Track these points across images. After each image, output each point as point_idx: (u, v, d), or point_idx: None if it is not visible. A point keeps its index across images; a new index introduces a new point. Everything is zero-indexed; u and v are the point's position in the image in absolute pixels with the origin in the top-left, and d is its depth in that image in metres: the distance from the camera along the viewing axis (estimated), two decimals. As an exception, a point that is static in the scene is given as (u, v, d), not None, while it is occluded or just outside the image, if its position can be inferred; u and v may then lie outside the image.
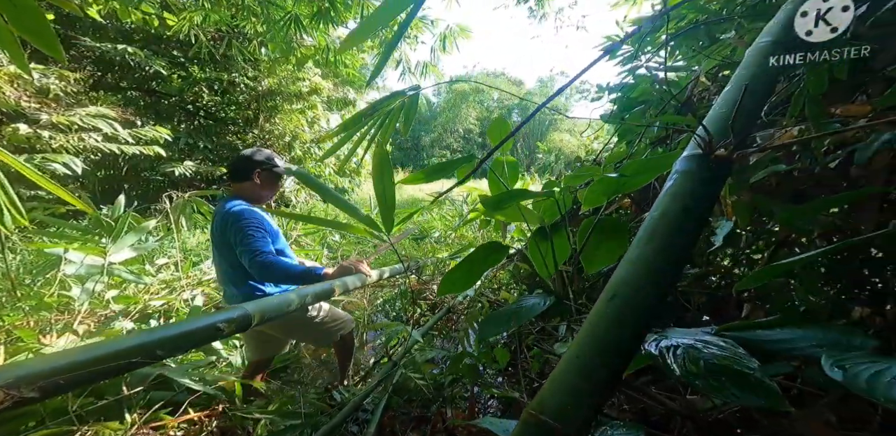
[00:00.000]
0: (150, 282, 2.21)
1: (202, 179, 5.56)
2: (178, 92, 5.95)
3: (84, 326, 1.79)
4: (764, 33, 0.76)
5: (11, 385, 0.44)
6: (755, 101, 0.59)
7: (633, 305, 0.46)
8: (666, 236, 0.48)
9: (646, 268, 0.47)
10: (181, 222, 2.38)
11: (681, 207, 0.49)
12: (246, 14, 3.97)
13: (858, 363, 0.41)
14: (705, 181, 0.50)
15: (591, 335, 0.47)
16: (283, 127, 6.76)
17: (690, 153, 0.53)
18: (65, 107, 3.32)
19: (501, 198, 0.84)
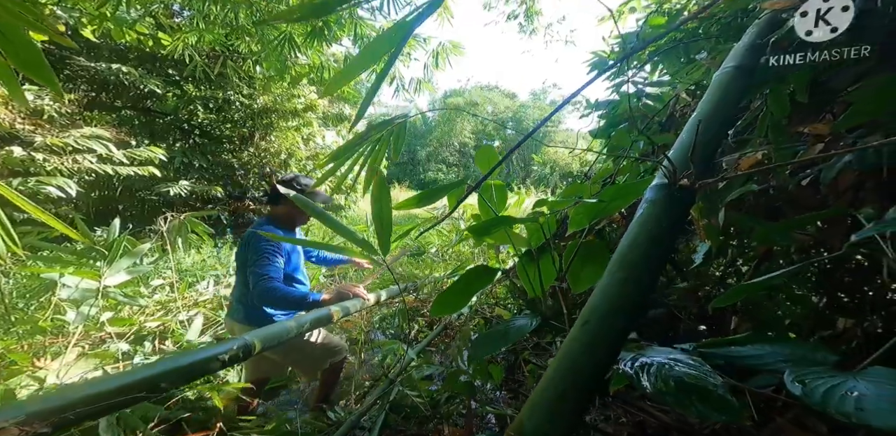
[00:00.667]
0: (146, 303, 2.20)
1: (198, 198, 5.57)
2: (173, 111, 6.02)
3: (78, 348, 1.78)
4: (729, 58, 0.81)
5: (25, 422, 0.46)
6: (717, 129, 0.63)
7: (604, 331, 0.49)
8: (634, 265, 0.51)
9: (616, 295, 0.50)
10: (177, 243, 2.39)
11: (648, 236, 0.52)
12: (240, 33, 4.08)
13: (816, 378, 0.44)
14: (670, 210, 0.53)
15: (565, 359, 0.50)
16: (278, 144, 6.83)
17: (657, 183, 0.57)
18: (59, 128, 3.35)
19: (488, 224, 0.87)
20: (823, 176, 0.77)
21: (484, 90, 30.98)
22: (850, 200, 0.86)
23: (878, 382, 0.41)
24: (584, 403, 0.46)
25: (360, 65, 0.57)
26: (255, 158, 6.56)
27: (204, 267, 3.45)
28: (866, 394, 0.40)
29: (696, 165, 0.51)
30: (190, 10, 3.91)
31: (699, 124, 0.57)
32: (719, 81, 0.71)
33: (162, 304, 2.40)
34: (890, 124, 0.75)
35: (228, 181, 6.19)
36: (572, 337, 0.51)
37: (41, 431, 0.49)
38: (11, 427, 0.46)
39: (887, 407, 0.37)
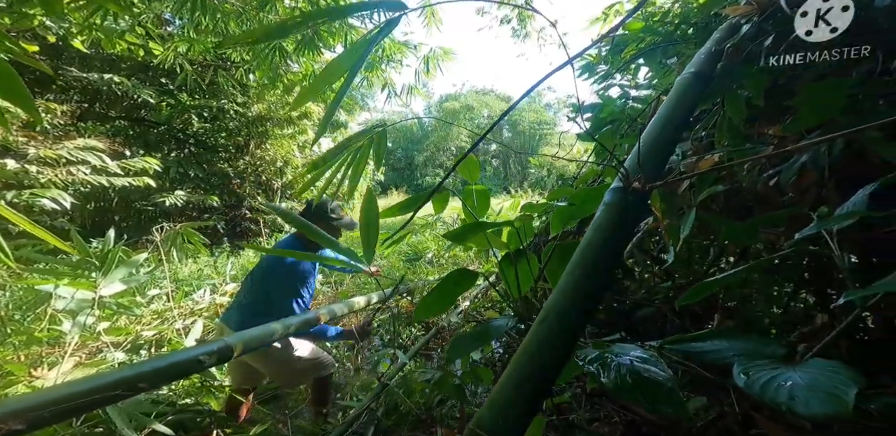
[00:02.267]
0: (142, 313, 2.22)
1: (194, 208, 5.59)
2: (167, 120, 6.05)
3: (75, 358, 1.80)
4: (690, 64, 0.84)
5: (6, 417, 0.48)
6: (671, 134, 0.66)
7: (560, 327, 0.52)
8: (591, 265, 0.54)
9: (572, 294, 0.53)
10: (172, 253, 2.41)
11: (602, 237, 0.55)
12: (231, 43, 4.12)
13: (760, 370, 0.46)
14: (624, 213, 0.56)
15: (524, 354, 0.53)
16: (274, 152, 6.86)
17: (614, 186, 0.60)
18: (52, 140, 3.38)
19: (465, 230, 0.90)
20: (783, 176, 0.80)
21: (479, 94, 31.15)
22: (814, 199, 0.89)
23: (813, 372, 0.44)
24: (538, 395, 0.48)
25: (325, 80, 0.60)
26: (250, 167, 6.59)
27: (200, 276, 3.46)
28: (799, 383, 0.42)
29: (646, 169, 0.54)
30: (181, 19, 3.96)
31: (653, 129, 0.60)
32: (678, 87, 0.74)
33: (158, 313, 2.42)
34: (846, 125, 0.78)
35: (224, 190, 6.21)
36: (531, 334, 0.54)
37: (15, 428, 0.51)
38: None
39: (816, 396, 0.40)
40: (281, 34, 0.53)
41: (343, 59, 0.56)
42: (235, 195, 6.30)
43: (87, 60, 5.18)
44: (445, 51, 5.06)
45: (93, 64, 5.27)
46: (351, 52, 0.55)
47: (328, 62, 0.56)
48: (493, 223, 0.92)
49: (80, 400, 0.59)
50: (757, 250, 1.14)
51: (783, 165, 0.82)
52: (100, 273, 1.84)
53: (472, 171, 1.23)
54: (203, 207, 5.60)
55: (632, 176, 0.56)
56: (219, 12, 3.42)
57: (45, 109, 3.56)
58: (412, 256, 5.26)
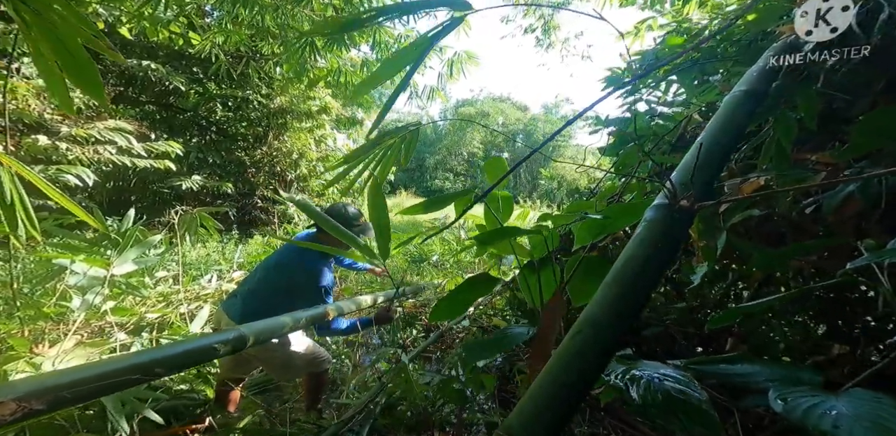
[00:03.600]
0: (148, 294, 2.23)
1: (208, 193, 5.66)
2: (194, 107, 6.18)
3: (77, 336, 1.80)
4: (741, 82, 0.82)
5: (23, 398, 0.48)
6: (720, 153, 0.65)
7: (595, 341, 0.50)
8: (629, 282, 0.52)
9: (609, 309, 0.51)
10: (185, 237, 2.43)
11: (644, 254, 0.54)
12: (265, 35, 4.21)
13: (799, 397, 0.45)
14: (668, 231, 0.55)
15: (557, 365, 0.51)
16: (291, 144, 6.93)
17: (658, 203, 0.58)
18: (85, 120, 3.47)
19: (493, 235, 0.89)
20: (826, 204, 0.78)
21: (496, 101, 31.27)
22: (853, 230, 0.87)
23: (858, 403, 0.43)
24: (571, 407, 0.47)
25: (382, 75, 0.60)
26: (266, 157, 6.67)
27: (208, 261, 3.49)
28: (844, 413, 0.41)
29: (697, 188, 0.53)
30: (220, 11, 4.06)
31: (702, 146, 0.59)
32: (728, 105, 0.72)
33: (164, 296, 2.43)
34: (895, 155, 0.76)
35: (239, 178, 6.29)
36: (565, 345, 0.53)
37: (36, 408, 0.51)
38: (10, 402, 0.49)
39: (861, 426, 0.39)
40: (355, 26, 0.54)
41: (402, 56, 0.56)
42: (249, 184, 6.37)
43: (127, 47, 5.34)
44: (469, 55, 5.08)
45: (132, 51, 5.42)
46: (410, 50, 0.55)
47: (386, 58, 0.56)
48: (522, 230, 0.91)
49: (101, 383, 0.59)
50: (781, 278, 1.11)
51: (826, 192, 0.80)
52: (115, 251, 1.86)
53: (499, 173, 1.22)
54: (217, 194, 5.67)
55: (680, 194, 0.55)
56: (256, 5, 3.49)
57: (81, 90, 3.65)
58: (417, 258, 5.25)
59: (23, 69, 3.26)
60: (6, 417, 0.47)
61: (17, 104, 3.09)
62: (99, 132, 3.18)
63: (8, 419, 0.48)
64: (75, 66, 0.56)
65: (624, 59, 1.98)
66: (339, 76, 5.16)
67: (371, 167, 1.13)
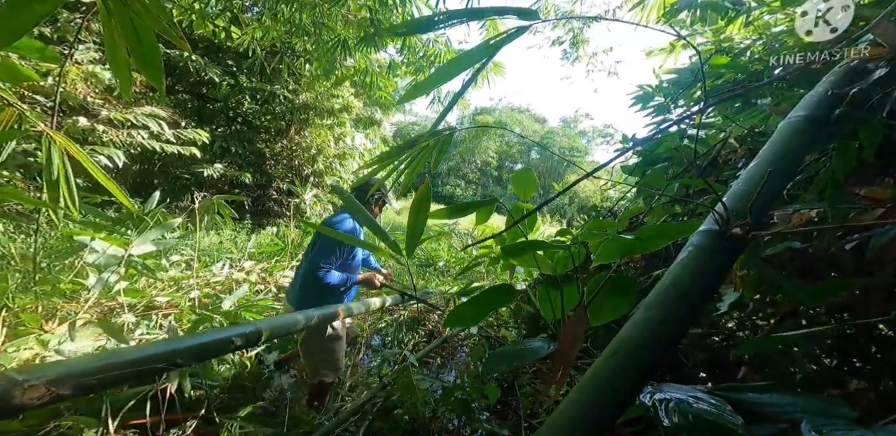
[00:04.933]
0: (161, 277, 2.26)
1: (226, 181, 5.76)
2: (224, 98, 6.34)
3: (87, 315, 1.83)
4: (798, 107, 0.77)
5: (51, 382, 0.48)
6: (778, 182, 0.63)
7: (634, 363, 0.49)
8: (672, 306, 0.51)
9: (650, 331, 0.50)
10: (203, 223, 2.46)
11: (690, 280, 0.52)
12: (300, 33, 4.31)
13: (835, 430, 0.43)
14: (717, 258, 0.53)
15: (591, 385, 0.50)
16: (310, 140, 7.04)
17: (707, 228, 0.57)
18: (124, 104, 3.60)
19: (520, 247, 0.88)
20: (874, 242, 0.75)
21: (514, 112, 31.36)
22: (893, 271, 0.84)
23: (894, 437, 0.41)
24: (602, 429, 0.46)
25: (436, 81, 0.61)
26: (286, 150, 6.77)
27: (220, 249, 3.53)
28: (883, 447, 0.39)
29: (752, 216, 0.52)
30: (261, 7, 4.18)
31: (756, 173, 0.58)
32: (785, 130, 0.70)
33: (175, 280, 2.46)
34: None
35: (257, 169, 6.39)
36: (601, 365, 0.52)
37: (62, 393, 0.51)
38: (40, 386, 0.49)
39: None
40: (426, 28, 0.54)
41: (458, 63, 0.56)
42: (267, 175, 6.47)
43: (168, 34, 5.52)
44: (496, 64, 5.12)
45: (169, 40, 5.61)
46: (467, 57, 0.55)
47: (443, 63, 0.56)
48: (549, 244, 0.90)
49: (124, 371, 0.59)
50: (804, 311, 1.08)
51: (872, 230, 0.77)
52: (135, 232, 1.89)
53: (527, 187, 1.21)
54: (235, 183, 5.77)
55: (732, 221, 0.54)
56: (296, 3, 3.58)
57: None
58: (424, 262, 5.24)
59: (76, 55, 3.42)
60: (34, 400, 0.47)
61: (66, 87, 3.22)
62: (135, 117, 3.29)
63: (36, 403, 0.48)
64: (142, 53, 0.57)
65: (656, 75, 1.96)
66: (366, 76, 5.25)
67: (402, 168, 1.14)
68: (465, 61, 0.57)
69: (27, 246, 1.90)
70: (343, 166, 7.63)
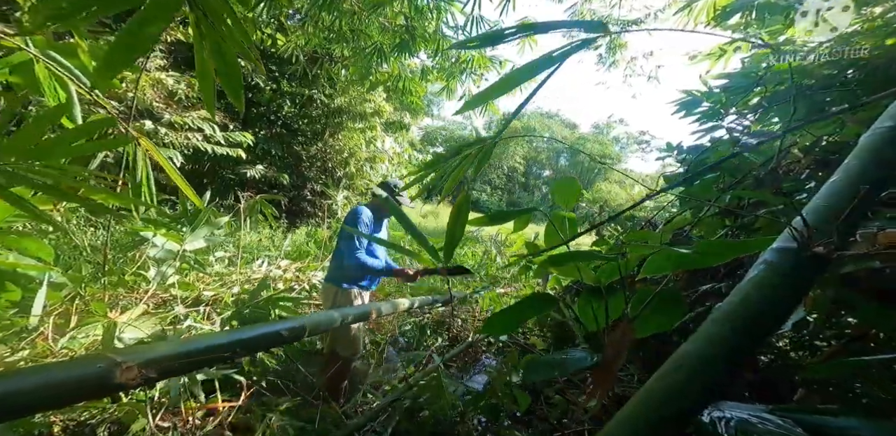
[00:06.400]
0: (209, 272, 2.40)
1: (266, 182, 6.05)
2: (267, 102, 6.69)
3: (144, 306, 1.96)
4: (886, 116, 0.71)
5: (143, 365, 0.53)
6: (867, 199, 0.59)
7: (700, 378, 0.48)
8: (742, 323, 0.50)
9: (716, 347, 0.49)
10: (247, 221, 2.60)
11: (764, 298, 0.50)
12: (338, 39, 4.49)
13: None
14: (795, 278, 0.51)
15: (647, 401, 0.49)
16: (343, 143, 7.27)
17: (783, 246, 0.54)
18: (182, 109, 3.90)
19: (568, 256, 0.87)
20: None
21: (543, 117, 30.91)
22: None
23: None
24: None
25: (499, 90, 0.62)
26: (320, 153, 7.03)
27: (259, 247, 3.70)
28: None
29: (841, 234, 0.49)
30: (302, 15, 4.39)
31: (840, 188, 0.55)
32: (872, 142, 0.65)
33: (220, 276, 2.60)
34: None
35: (293, 171, 6.67)
36: (664, 379, 0.51)
37: (150, 375, 0.55)
38: (134, 367, 0.53)
39: None
40: (498, 41, 0.56)
41: (520, 73, 0.57)
42: (302, 177, 6.73)
43: None
44: (529, 70, 5.07)
45: None
46: (531, 67, 0.56)
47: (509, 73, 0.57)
48: (598, 255, 0.88)
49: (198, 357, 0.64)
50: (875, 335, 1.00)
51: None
52: (189, 229, 2.02)
53: (569, 196, 1.20)
54: (273, 183, 6.04)
55: (814, 238, 0.51)
56: (337, 10, 3.74)
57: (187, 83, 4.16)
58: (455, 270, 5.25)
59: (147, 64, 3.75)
60: (129, 381, 0.52)
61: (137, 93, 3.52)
62: (192, 120, 3.55)
63: (130, 384, 0.52)
64: (227, 72, 0.62)
65: (704, 81, 1.88)
66: (399, 81, 5.37)
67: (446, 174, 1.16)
68: (528, 71, 0.58)
69: (96, 239, 2.08)
70: (373, 169, 7.82)
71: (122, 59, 0.52)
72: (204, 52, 0.59)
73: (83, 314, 1.66)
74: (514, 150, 26.43)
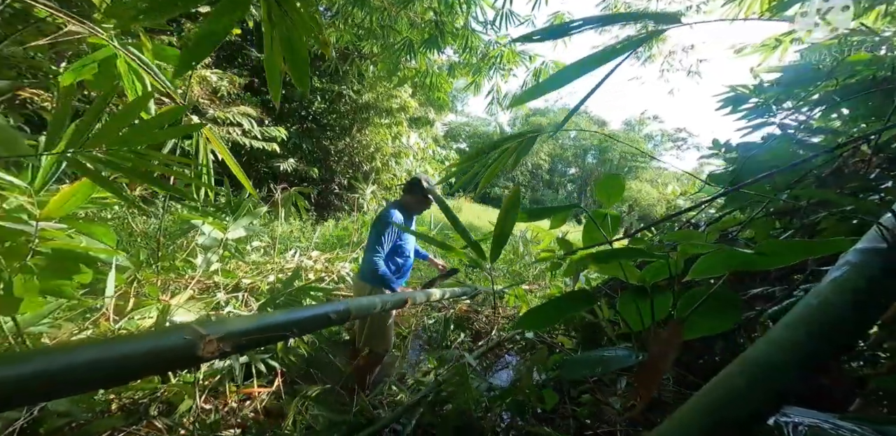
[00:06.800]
0: (248, 261, 2.51)
1: (297, 175, 6.24)
2: (299, 98, 6.88)
3: (191, 291, 2.08)
4: None
5: (221, 339, 0.56)
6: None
7: (765, 384, 0.46)
8: (817, 325, 0.47)
9: (788, 352, 0.47)
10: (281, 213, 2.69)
11: (846, 303, 0.48)
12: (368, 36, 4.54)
13: None
14: (884, 281, 0.48)
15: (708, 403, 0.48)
16: (370, 138, 7.38)
17: (870, 246, 0.51)
18: (224, 105, 4.10)
19: (614, 253, 0.86)
20: None
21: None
22: None
23: None
24: None
25: (554, 83, 0.61)
26: (348, 148, 7.17)
27: (290, 238, 3.83)
28: None
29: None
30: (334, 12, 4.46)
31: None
32: None
33: (257, 264, 2.71)
34: None
35: (322, 165, 6.84)
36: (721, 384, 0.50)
37: (225, 350, 0.58)
38: (214, 341, 0.56)
39: None
40: (560, 34, 0.55)
41: (577, 67, 0.56)
42: (330, 171, 6.90)
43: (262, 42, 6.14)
44: (558, 65, 4.94)
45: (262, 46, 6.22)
46: (589, 61, 0.55)
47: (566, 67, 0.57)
48: (646, 253, 0.86)
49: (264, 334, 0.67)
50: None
51: None
52: (231, 218, 2.12)
53: (613, 193, 1.17)
54: (304, 177, 6.23)
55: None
56: (367, 7, 3.78)
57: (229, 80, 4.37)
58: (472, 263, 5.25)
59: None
60: (209, 354, 0.55)
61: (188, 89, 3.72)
62: (233, 115, 3.72)
63: (208, 357, 0.55)
64: (294, 60, 0.65)
65: (755, 74, 1.78)
66: (426, 77, 5.37)
67: (485, 168, 1.16)
68: (588, 65, 0.57)
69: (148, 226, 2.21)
70: (398, 164, 7.90)
71: (201, 51, 0.55)
72: (274, 40, 0.61)
73: (139, 297, 1.78)
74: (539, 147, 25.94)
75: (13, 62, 1.38)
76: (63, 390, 0.41)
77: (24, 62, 1.52)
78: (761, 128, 1.67)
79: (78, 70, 0.79)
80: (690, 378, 1.38)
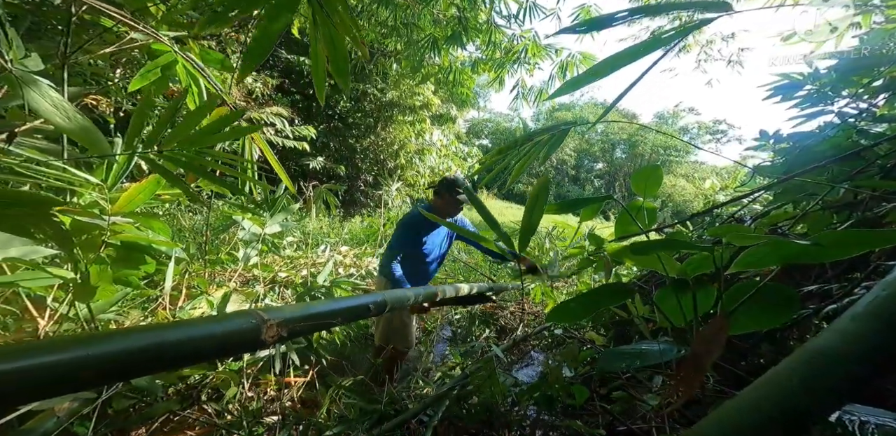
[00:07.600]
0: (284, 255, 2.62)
1: (325, 173, 6.43)
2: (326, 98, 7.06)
3: (233, 284, 2.20)
4: None
5: (280, 324, 0.59)
6: None
7: (825, 378, 0.44)
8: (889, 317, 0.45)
9: (857, 344, 0.44)
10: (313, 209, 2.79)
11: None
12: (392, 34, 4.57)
13: None
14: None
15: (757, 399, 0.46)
16: (394, 136, 7.47)
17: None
18: (258, 105, 4.29)
19: (655, 245, 0.84)
20: None
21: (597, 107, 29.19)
22: None
23: None
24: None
25: (594, 75, 0.60)
26: (373, 146, 7.30)
27: (320, 234, 3.97)
28: None
29: None
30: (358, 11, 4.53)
31: None
32: None
33: (291, 259, 2.82)
34: None
35: (349, 163, 7.00)
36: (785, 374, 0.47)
37: (282, 335, 0.62)
38: (274, 325, 0.60)
39: None
40: (606, 24, 0.55)
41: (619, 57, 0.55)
42: (356, 168, 7.06)
43: (291, 44, 6.34)
44: (585, 57, 4.78)
45: (291, 47, 6.42)
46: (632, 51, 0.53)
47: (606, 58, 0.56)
48: (688, 243, 0.83)
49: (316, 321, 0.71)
50: None
51: None
52: (268, 214, 2.22)
53: (651, 185, 1.14)
54: (331, 174, 6.41)
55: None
56: (392, 5, 3.81)
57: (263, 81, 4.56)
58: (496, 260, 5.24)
59: None
60: (269, 338, 0.58)
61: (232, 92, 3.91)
62: (267, 115, 3.89)
63: (269, 341, 0.59)
64: (336, 59, 0.67)
65: (809, 61, 1.68)
66: (449, 74, 5.36)
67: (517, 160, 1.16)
68: (630, 56, 0.56)
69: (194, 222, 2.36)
70: (422, 161, 7.96)
71: (259, 54, 0.58)
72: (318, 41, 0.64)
73: (189, 288, 1.91)
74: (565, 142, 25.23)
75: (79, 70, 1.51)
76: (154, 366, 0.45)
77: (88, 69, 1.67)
78: (817, 117, 1.58)
79: (145, 76, 0.86)
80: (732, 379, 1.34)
